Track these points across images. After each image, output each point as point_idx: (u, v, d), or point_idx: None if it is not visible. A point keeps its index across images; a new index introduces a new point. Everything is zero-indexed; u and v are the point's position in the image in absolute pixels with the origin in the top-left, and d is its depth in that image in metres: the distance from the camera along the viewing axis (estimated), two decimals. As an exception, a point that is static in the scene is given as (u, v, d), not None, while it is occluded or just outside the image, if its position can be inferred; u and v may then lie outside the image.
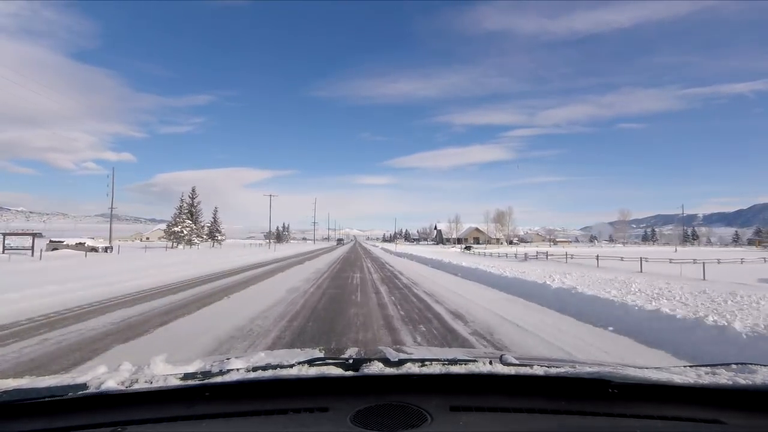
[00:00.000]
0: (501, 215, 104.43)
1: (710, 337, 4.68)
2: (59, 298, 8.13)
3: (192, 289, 10.32)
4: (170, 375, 1.08)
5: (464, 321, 6.66)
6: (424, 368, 1.07)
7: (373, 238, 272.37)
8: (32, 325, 5.89)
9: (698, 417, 0.91)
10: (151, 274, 12.96)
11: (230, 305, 7.93)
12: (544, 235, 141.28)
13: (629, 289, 9.12)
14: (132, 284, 10.68)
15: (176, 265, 16.88)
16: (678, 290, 9.03)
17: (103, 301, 8.03)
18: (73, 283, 9.77)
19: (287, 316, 6.79)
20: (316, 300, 8.72)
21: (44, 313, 6.66)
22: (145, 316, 6.70)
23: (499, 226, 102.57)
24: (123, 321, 6.25)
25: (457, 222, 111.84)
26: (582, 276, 13.13)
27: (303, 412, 0.93)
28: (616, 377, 1.01)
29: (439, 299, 9.14)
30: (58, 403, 0.95)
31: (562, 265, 23.74)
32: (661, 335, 5.21)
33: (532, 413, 0.93)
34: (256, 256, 27.65)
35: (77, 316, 6.60)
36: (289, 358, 1.21)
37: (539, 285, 9.79)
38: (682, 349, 4.71)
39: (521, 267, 17.66)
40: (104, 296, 8.63)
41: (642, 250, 58.78)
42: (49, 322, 6.10)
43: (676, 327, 5.21)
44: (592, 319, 6.54)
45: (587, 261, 26.64)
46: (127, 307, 7.42)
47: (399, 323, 6.47)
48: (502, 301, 8.96)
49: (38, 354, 4.46)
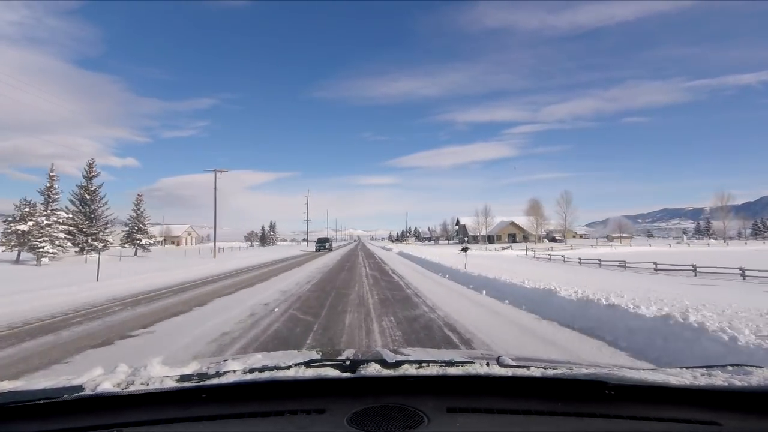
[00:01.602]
0: (535, 206, 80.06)
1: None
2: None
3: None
4: (167, 377, 1.08)
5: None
6: (421, 370, 1.07)
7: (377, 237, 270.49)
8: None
9: (694, 418, 0.91)
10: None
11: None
12: (574, 232, 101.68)
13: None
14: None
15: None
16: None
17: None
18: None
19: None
20: None
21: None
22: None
23: (539, 219, 78.27)
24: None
25: (486, 215, 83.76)
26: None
27: (300, 413, 0.93)
28: (612, 379, 1.01)
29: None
30: (53, 405, 0.95)
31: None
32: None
33: (528, 415, 0.93)
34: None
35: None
36: (286, 360, 1.21)
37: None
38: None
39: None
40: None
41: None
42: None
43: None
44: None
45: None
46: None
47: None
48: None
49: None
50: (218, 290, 11.25)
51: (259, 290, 11.12)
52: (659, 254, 29.82)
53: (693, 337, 4.32)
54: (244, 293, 10.52)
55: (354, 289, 11.05)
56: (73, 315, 7.53)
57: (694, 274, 19.59)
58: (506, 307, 8.05)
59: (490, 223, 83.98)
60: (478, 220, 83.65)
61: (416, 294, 10.14)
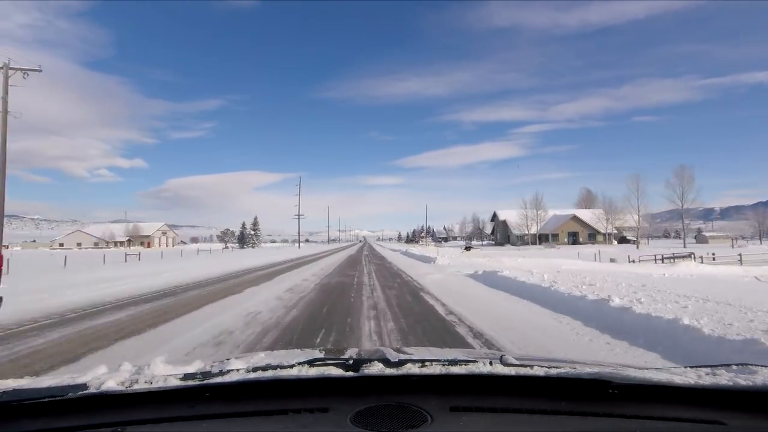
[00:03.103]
0: (588, 197, 67.14)
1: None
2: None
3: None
4: (170, 375, 1.09)
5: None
6: (424, 369, 1.07)
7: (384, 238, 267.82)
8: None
9: (699, 418, 0.90)
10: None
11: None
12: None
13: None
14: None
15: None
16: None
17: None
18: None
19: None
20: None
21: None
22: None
23: (602, 213, 60.42)
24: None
25: (537, 207, 63.23)
26: None
27: (303, 412, 0.93)
28: (616, 378, 1.00)
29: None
30: (58, 403, 0.96)
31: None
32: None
33: (532, 414, 0.92)
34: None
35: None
36: (289, 359, 1.21)
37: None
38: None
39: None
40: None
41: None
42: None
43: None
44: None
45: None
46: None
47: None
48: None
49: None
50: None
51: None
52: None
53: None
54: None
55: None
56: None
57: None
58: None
59: (543, 217, 64.00)
60: (527, 213, 62.17)
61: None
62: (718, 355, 4.05)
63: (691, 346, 4.46)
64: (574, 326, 5.95)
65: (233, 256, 34.29)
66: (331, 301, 8.70)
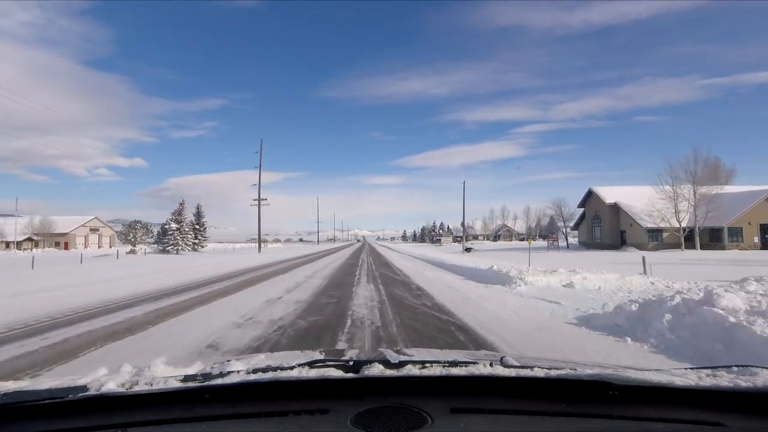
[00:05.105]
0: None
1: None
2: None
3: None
4: (170, 377, 1.09)
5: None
6: (425, 370, 1.07)
7: (384, 238, 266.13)
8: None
9: (699, 419, 0.90)
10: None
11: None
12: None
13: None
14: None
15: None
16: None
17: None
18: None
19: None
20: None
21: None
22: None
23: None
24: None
25: (702, 180, 33.63)
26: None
27: (303, 414, 0.93)
28: (616, 379, 1.00)
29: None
30: (58, 405, 0.96)
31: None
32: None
33: (532, 415, 0.92)
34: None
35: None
36: (290, 360, 1.21)
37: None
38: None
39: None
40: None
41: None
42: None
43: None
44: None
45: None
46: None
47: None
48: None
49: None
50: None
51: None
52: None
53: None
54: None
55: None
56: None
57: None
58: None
59: (705, 198, 33.85)
60: (675, 192, 34.02)
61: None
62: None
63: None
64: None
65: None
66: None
